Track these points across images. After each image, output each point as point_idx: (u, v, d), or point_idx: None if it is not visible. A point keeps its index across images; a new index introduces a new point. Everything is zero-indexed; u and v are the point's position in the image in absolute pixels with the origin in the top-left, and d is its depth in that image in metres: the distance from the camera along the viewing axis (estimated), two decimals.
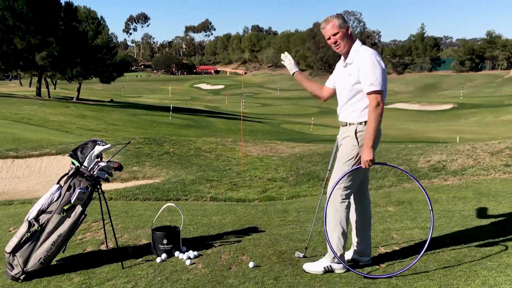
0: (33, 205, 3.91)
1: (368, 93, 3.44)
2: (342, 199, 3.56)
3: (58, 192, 3.83)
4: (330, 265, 3.58)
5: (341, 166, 3.57)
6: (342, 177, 3.53)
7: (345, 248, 3.62)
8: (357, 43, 3.57)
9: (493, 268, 3.46)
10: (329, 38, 3.54)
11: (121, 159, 10.42)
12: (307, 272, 3.58)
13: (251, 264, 3.75)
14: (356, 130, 3.53)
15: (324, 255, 3.66)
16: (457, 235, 4.35)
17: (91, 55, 43.68)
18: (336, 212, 3.57)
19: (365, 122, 3.50)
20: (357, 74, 3.47)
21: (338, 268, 3.58)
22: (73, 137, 18.62)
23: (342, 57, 3.65)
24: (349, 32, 3.56)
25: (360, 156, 3.51)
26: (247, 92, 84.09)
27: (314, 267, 3.58)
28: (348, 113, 3.58)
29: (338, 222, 3.56)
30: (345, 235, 3.58)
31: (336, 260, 3.57)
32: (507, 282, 3.22)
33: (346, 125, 3.60)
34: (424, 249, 3.53)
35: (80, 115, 30.33)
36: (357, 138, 3.52)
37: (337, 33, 3.50)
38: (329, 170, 3.83)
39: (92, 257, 4.16)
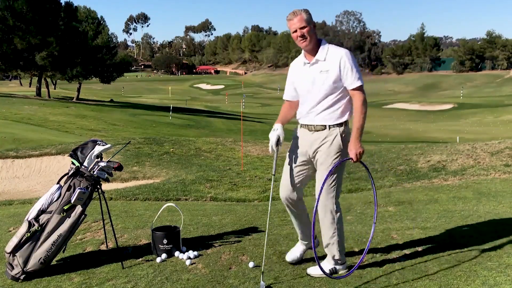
0: (33, 205, 3.90)
1: (355, 89, 3.40)
2: (336, 207, 3.49)
3: (58, 192, 3.83)
4: (334, 267, 3.57)
5: (329, 178, 3.43)
6: (332, 182, 3.45)
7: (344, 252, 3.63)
8: (323, 40, 3.50)
9: (493, 268, 3.46)
10: (295, 31, 3.40)
11: (121, 159, 10.42)
12: (313, 276, 3.53)
13: (251, 264, 3.75)
14: (340, 132, 3.42)
15: (325, 257, 3.65)
16: (457, 235, 4.35)
17: (91, 55, 43.67)
18: (334, 222, 3.50)
19: (345, 122, 3.45)
20: (335, 71, 3.38)
21: (341, 269, 3.58)
22: (73, 137, 18.61)
23: (305, 56, 3.51)
24: (315, 29, 3.46)
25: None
26: (247, 92, 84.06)
27: (319, 271, 3.53)
28: (326, 115, 3.43)
29: (337, 229, 3.51)
30: (344, 240, 3.60)
31: (340, 261, 3.57)
32: (507, 282, 3.22)
33: (325, 128, 3.44)
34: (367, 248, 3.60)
35: (80, 115, 30.33)
36: (343, 141, 3.42)
37: (305, 27, 3.37)
38: (273, 175, 3.67)
39: (92, 257, 4.16)
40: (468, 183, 7.15)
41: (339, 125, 3.44)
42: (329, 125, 3.44)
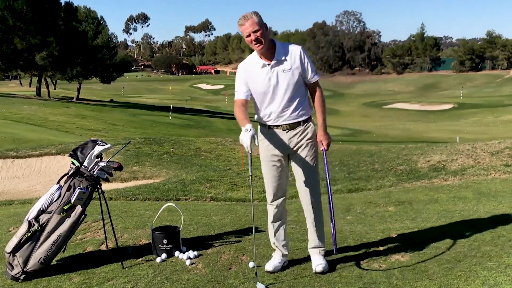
0: (33, 205, 3.90)
1: (315, 83, 3.53)
2: (320, 195, 3.66)
3: (58, 192, 3.83)
4: (325, 258, 3.68)
5: (314, 168, 3.60)
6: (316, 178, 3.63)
7: None
8: (275, 40, 3.53)
9: (493, 268, 3.46)
10: (249, 36, 3.38)
11: (121, 159, 10.42)
12: (319, 273, 3.55)
13: (251, 264, 3.75)
14: (313, 124, 3.57)
15: (319, 251, 3.71)
16: (457, 235, 4.34)
17: (91, 55, 43.71)
18: (321, 209, 3.66)
19: (308, 118, 3.57)
20: (298, 68, 3.45)
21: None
22: (73, 137, 18.62)
23: (260, 57, 3.48)
24: (267, 31, 3.46)
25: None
26: None
27: (322, 262, 3.62)
28: (298, 113, 3.50)
29: (322, 218, 3.68)
30: None
31: (323, 250, 3.71)
32: (507, 282, 3.21)
33: (299, 124, 3.52)
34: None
35: (80, 115, 30.33)
36: (315, 133, 3.58)
37: (258, 30, 3.37)
38: (251, 176, 3.51)
39: (92, 257, 4.16)
40: (468, 183, 7.15)
41: (310, 118, 3.59)
42: (302, 121, 3.54)
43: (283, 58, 3.45)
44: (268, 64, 3.46)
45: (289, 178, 3.78)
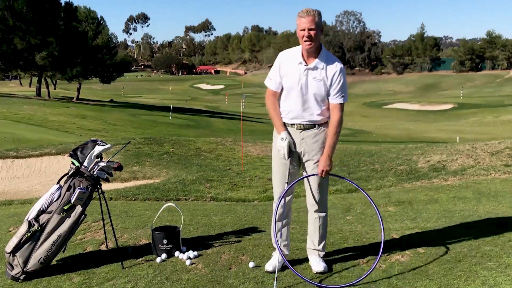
0: (33, 205, 3.90)
1: (336, 104, 3.46)
2: (327, 200, 3.69)
3: (58, 192, 3.83)
4: (325, 265, 3.66)
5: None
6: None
7: None
8: (322, 45, 3.51)
9: (493, 268, 3.46)
10: (303, 30, 3.36)
11: (121, 159, 10.42)
12: (324, 273, 3.57)
13: (251, 264, 3.75)
14: (327, 130, 3.53)
15: (317, 253, 3.71)
16: (457, 235, 4.35)
17: (91, 55, 43.72)
18: (326, 214, 3.70)
19: (325, 123, 3.55)
20: (328, 82, 3.43)
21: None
22: (73, 137, 18.62)
23: (302, 55, 3.47)
24: (321, 34, 3.45)
25: None
26: (247, 92, 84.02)
27: (322, 263, 3.63)
28: (316, 116, 3.50)
29: (327, 221, 3.73)
30: None
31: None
32: (507, 282, 3.22)
33: (314, 126, 3.51)
34: (381, 251, 3.54)
35: (80, 115, 30.33)
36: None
37: (314, 29, 3.35)
38: (287, 183, 3.55)
39: (92, 257, 4.16)
40: (468, 183, 7.15)
41: (326, 123, 3.56)
42: (318, 124, 3.53)
43: (321, 66, 3.44)
44: (305, 65, 3.46)
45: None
